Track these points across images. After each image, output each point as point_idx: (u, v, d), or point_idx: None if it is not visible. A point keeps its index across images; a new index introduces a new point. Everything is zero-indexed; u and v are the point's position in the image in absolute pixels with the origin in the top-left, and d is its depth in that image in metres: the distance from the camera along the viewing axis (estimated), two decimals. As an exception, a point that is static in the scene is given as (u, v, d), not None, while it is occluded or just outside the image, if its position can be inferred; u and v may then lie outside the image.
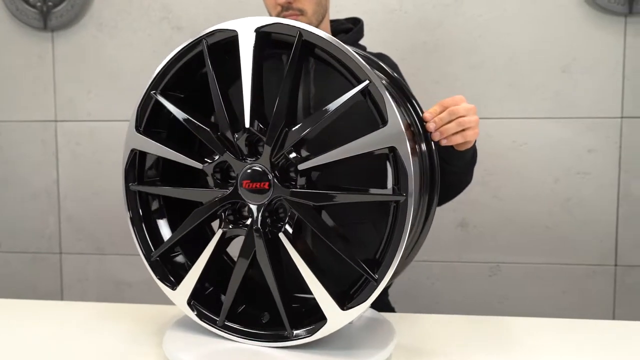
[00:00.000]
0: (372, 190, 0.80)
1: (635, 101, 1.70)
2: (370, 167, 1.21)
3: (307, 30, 0.77)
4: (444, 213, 1.77)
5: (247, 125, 0.81)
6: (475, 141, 1.00)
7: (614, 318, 1.77)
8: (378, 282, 0.76)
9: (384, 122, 0.74)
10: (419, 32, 1.76)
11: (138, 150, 0.90)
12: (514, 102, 1.73)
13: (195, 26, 1.82)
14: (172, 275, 0.90)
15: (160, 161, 0.94)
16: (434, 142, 0.88)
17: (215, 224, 0.93)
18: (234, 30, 0.82)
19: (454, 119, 0.87)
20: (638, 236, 1.74)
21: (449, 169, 1.02)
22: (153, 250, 0.92)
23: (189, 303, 0.89)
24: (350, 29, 1.24)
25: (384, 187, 1.23)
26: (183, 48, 0.85)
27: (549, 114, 1.73)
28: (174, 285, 0.90)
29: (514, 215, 1.78)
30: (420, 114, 0.89)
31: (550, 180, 1.76)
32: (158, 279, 0.90)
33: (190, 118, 0.86)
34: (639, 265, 1.75)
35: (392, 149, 0.74)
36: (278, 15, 1.13)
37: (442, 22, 1.75)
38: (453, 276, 1.81)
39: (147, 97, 0.89)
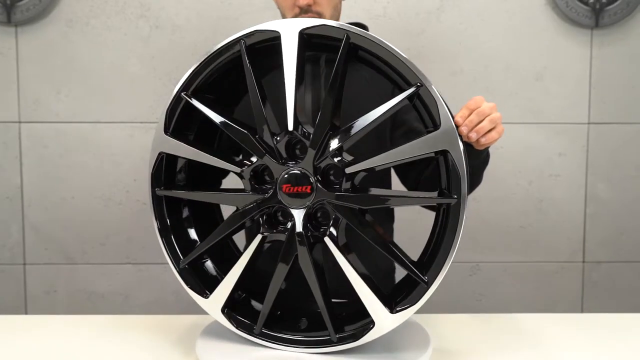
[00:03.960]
0: (420, 194, 0.82)
1: (600, 108, 1.83)
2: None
3: (354, 33, 0.77)
4: (427, 216, 1.81)
5: (290, 128, 0.80)
6: None
7: (582, 311, 1.89)
8: (429, 284, 0.77)
9: (436, 125, 0.75)
10: (403, 38, 1.79)
11: (165, 154, 0.86)
12: (491, 107, 1.81)
13: (175, 25, 1.76)
14: (202, 282, 0.88)
15: (186, 165, 0.91)
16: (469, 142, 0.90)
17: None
18: (276, 32, 0.80)
19: (484, 119, 0.91)
20: (604, 234, 1.87)
21: None
22: (182, 258, 0.89)
23: (222, 311, 0.87)
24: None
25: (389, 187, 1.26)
26: (219, 49, 0.82)
27: (522, 119, 1.82)
28: (206, 294, 0.87)
29: (491, 217, 1.85)
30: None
31: (524, 183, 1.85)
32: (189, 287, 0.87)
33: (227, 121, 0.84)
34: (604, 261, 1.87)
35: (444, 152, 0.75)
36: (295, 17, 1.12)
37: (424, 30, 1.79)
38: (436, 276, 1.86)
39: (177, 99, 0.86)
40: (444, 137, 0.75)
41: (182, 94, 0.85)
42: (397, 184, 1.26)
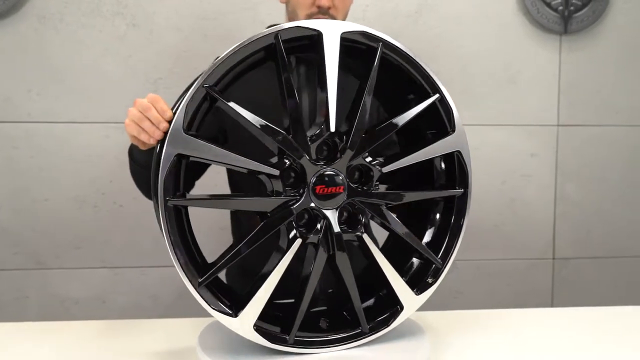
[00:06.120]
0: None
1: (569, 111, 1.91)
2: None
3: (387, 42, 0.82)
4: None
5: (332, 129, 0.80)
6: None
7: (552, 306, 1.96)
8: (443, 266, 0.87)
9: (450, 129, 0.86)
10: (382, 40, 1.82)
11: (179, 156, 0.75)
12: (466, 109, 1.86)
13: (154, 24, 1.73)
14: (227, 300, 0.80)
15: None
16: None
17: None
18: (317, 31, 0.78)
19: None
20: (572, 232, 1.95)
21: None
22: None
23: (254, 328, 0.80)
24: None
25: None
26: (252, 40, 0.76)
27: (497, 121, 1.88)
28: (234, 312, 0.79)
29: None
30: None
31: (498, 183, 1.91)
32: (213, 309, 0.78)
33: (265, 122, 0.78)
34: (573, 257, 1.96)
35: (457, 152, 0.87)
36: (309, 16, 1.12)
37: (402, 32, 1.83)
38: (415, 275, 1.89)
39: (198, 92, 0.75)
40: (457, 140, 0.87)
41: (204, 87, 0.76)
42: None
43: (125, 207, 1.77)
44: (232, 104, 0.77)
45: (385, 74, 0.86)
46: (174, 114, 0.84)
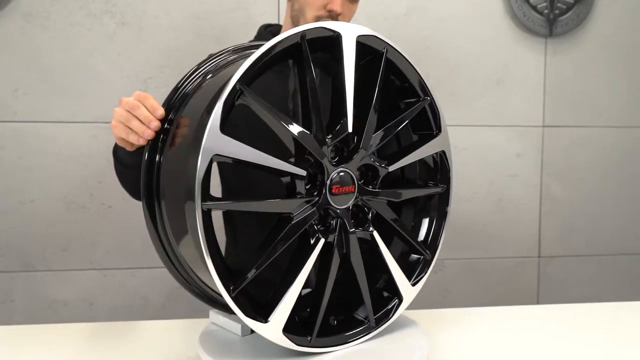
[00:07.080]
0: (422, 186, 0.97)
1: (554, 112, 1.95)
2: None
3: (392, 47, 0.85)
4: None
5: (350, 129, 0.80)
6: None
7: (538, 303, 2.00)
8: (431, 258, 0.92)
9: (436, 131, 0.90)
10: (372, 42, 1.83)
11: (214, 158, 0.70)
12: (455, 110, 1.89)
13: (143, 22, 1.71)
14: (255, 305, 0.77)
15: None
16: None
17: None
18: (337, 32, 0.79)
19: None
20: (557, 231, 1.99)
21: None
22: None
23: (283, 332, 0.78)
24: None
25: None
26: (280, 40, 0.74)
27: (484, 122, 1.92)
28: (265, 318, 0.76)
29: (456, 216, 1.93)
30: None
31: (486, 183, 1.94)
32: (247, 316, 0.74)
33: (294, 123, 0.77)
34: (558, 256, 2.00)
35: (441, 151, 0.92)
36: (317, 18, 1.12)
37: (392, 34, 1.84)
38: (405, 274, 1.91)
39: (233, 91, 0.71)
40: (443, 140, 0.91)
41: (239, 84, 0.71)
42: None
43: (115, 208, 1.75)
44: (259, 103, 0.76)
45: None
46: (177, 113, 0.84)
